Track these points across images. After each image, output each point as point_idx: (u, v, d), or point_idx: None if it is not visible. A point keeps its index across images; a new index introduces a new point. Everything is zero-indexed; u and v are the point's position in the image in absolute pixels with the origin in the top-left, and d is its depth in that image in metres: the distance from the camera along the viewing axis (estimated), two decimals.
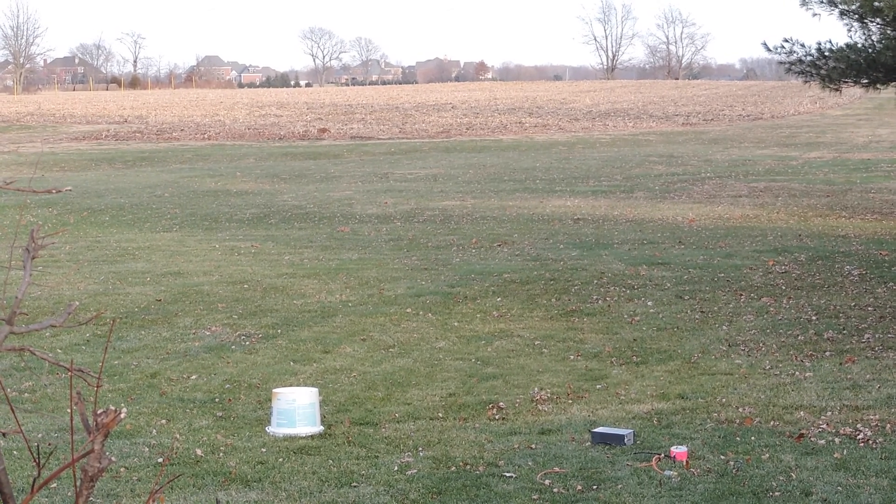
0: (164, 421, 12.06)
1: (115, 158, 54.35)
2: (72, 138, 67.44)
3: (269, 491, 10.06)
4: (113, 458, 3.44)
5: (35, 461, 3.49)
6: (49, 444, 10.94)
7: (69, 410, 10.38)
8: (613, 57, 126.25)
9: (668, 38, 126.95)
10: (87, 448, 3.15)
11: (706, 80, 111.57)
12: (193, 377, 13.79)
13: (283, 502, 9.84)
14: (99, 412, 3.32)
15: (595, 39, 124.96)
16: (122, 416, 3.34)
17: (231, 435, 11.58)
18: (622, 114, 77.34)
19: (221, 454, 10.98)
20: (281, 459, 10.86)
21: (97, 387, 3.42)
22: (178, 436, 11.52)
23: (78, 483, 3.37)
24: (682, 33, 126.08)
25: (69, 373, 3.48)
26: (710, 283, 19.34)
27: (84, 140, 66.32)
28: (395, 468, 10.60)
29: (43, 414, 12.25)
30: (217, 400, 12.85)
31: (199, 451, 11.05)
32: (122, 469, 10.55)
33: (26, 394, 13.12)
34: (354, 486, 10.17)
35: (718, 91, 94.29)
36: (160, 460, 10.83)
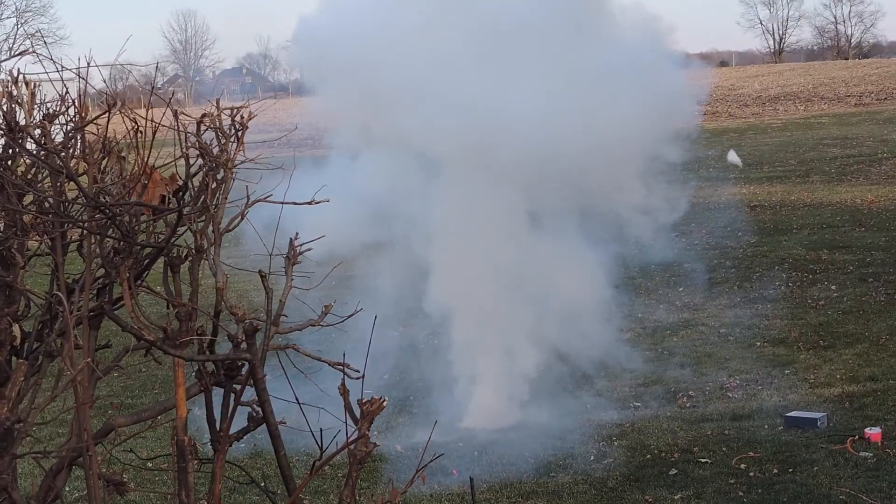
0: None
1: None
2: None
3: None
4: (377, 444, 3.81)
5: (319, 446, 3.87)
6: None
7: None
8: (780, 40, 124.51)
9: (835, 18, 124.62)
10: (357, 434, 3.51)
11: (877, 58, 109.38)
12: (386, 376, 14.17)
13: (484, 493, 10.15)
14: (364, 401, 3.69)
15: (761, 23, 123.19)
16: (385, 404, 3.70)
17: None
18: (792, 97, 76.31)
19: None
20: (477, 453, 11.19)
21: (362, 377, 3.78)
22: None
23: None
24: (849, 12, 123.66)
25: (334, 367, 3.85)
26: (894, 264, 19.19)
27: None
28: (591, 457, 10.87)
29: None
30: None
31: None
32: (326, 467, 10.95)
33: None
34: (552, 476, 10.46)
35: (891, 69, 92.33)
36: None
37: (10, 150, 4.38)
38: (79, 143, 4.34)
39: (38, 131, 4.33)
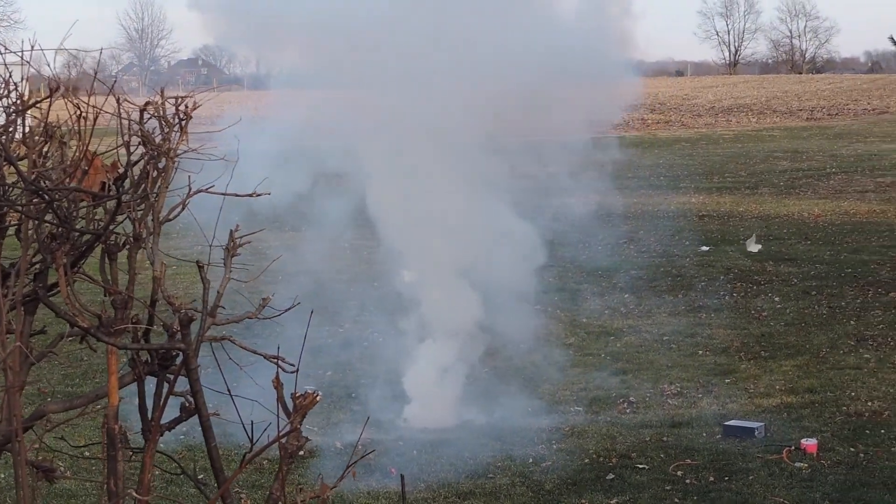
0: None
1: None
2: None
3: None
4: (310, 438, 3.81)
5: (249, 438, 3.86)
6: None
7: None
8: (736, 52, 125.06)
9: (790, 32, 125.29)
10: (288, 428, 3.52)
11: (830, 73, 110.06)
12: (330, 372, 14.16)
13: (421, 492, 10.16)
14: (297, 395, 3.69)
15: (717, 34, 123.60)
16: (319, 398, 3.70)
17: None
18: (745, 109, 76.72)
19: None
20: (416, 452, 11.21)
21: (296, 372, 3.79)
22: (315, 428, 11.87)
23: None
24: (805, 27, 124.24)
25: (269, 360, 3.84)
26: (837, 278, 19.35)
27: None
28: (530, 460, 10.90)
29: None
30: None
31: (338, 444, 11.41)
32: (265, 462, 10.91)
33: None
34: (490, 477, 10.48)
35: (842, 85, 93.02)
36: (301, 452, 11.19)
37: None
38: (20, 127, 4.32)
39: None
